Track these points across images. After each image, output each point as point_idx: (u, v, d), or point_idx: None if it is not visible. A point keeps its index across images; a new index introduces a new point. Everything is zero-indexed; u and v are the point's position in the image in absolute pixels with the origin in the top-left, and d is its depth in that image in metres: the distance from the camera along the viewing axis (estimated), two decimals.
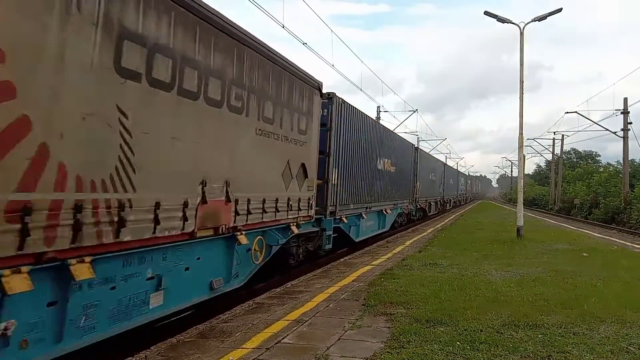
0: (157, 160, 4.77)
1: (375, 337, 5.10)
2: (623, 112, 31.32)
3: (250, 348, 4.78)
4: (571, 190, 46.93)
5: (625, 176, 31.76)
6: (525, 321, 5.65)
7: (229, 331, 5.48)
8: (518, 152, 18.79)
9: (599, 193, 36.99)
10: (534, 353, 4.63)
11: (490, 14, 17.81)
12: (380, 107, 32.95)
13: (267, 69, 7.07)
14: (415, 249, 13.09)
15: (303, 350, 4.71)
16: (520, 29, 17.53)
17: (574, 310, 6.26)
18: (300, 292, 7.63)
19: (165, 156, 4.88)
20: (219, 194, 5.86)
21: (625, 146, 31.46)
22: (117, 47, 4.17)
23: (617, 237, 20.27)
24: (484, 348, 4.72)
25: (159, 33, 4.71)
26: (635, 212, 28.16)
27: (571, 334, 5.26)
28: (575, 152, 78.67)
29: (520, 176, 19.06)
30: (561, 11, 17.40)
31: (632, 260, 11.81)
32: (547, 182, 66.93)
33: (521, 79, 17.52)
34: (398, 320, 5.72)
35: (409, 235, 18.15)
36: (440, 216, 34.33)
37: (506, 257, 11.54)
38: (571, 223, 30.86)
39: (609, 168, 46.18)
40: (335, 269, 10.05)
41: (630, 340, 5.07)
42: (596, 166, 57.90)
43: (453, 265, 10.08)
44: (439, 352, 4.57)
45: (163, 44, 4.77)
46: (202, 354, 4.71)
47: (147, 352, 4.84)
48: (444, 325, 5.48)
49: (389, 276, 8.65)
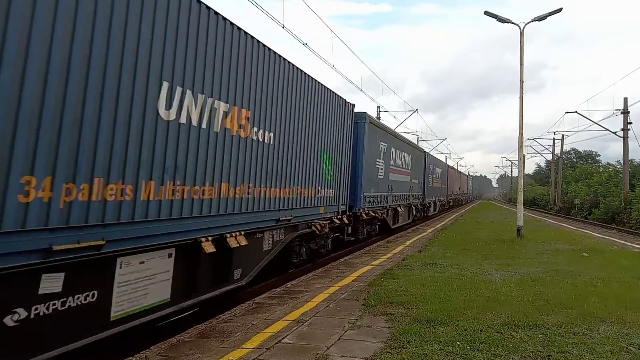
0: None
1: (375, 337, 5.10)
2: (623, 112, 31.35)
3: (250, 348, 4.78)
4: (571, 190, 46.93)
5: (625, 176, 31.79)
6: (525, 321, 5.65)
7: (229, 331, 5.48)
8: (518, 152, 18.79)
9: (599, 193, 37.03)
10: (534, 353, 4.63)
11: (490, 14, 17.80)
12: (381, 107, 32.97)
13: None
14: (415, 249, 13.09)
15: (303, 350, 4.71)
16: (520, 28, 17.53)
17: (574, 310, 6.27)
18: (300, 292, 7.63)
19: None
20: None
21: (625, 146, 31.48)
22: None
23: (617, 237, 20.27)
24: (484, 348, 4.72)
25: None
26: (635, 212, 28.17)
27: (571, 334, 5.26)
28: (575, 152, 78.76)
29: (520, 176, 19.06)
30: (561, 11, 17.39)
31: (632, 260, 11.82)
32: (547, 182, 66.93)
33: (521, 78, 17.52)
34: (398, 320, 5.72)
35: (409, 235, 18.15)
36: (440, 216, 34.32)
37: (506, 257, 11.55)
38: (571, 223, 30.87)
39: (608, 168, 46.20)
40: (335, 269, 10.05)
41: (630, 340, 5.07)
42: (596, 166, 57.94)
43: (453, 265, 10.08)
44: (439, 352, 4.57)
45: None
46: (202, 354, 4.71)
47: (147, 352, 4.84)
48: (444, 325, 5.48)
49: (389, 276, 8.65)
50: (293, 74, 8.60)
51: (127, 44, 4.61)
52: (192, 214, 5.76)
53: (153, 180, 5.06)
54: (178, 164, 5.44)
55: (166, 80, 5.20)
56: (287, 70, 8.34)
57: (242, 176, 6.90)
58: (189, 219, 5.69)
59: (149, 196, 4.99)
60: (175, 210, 5.44)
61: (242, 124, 6.84)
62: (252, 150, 7.17)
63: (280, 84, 8.08)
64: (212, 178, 6.15)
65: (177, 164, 5.43)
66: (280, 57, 8.00)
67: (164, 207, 5.25)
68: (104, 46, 4.35)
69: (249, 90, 7.02)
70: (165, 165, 5.23)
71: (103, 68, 4.36)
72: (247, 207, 7.07)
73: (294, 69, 8.61)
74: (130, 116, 4.72)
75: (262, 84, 7.41)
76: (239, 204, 6.85)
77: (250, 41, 6.96)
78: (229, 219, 6.57)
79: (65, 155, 4.03)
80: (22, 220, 3.70)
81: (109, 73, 4.42)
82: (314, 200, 9.80)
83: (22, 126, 3.67)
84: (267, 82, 7.60)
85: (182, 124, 5.49)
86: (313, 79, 9.54)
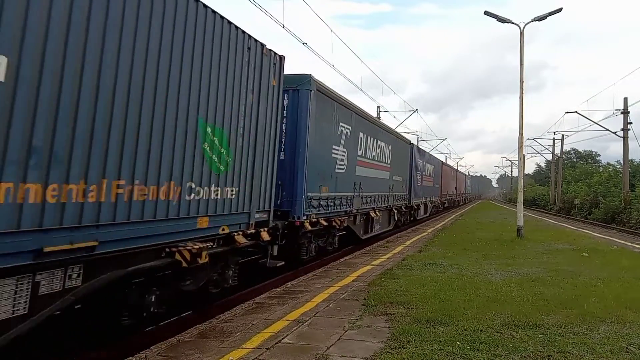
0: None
1: (375, 337, 5.10)
2: (623, 112, 31.34)
3: (250, 348, 4.78)
4: (571, 190, 46.93)
5: (625, 176, 31.77)
6: (525, 321, 5.66)
7: (229, 331, 5.48)
8: (518, 152, 18.79)
9: (599, 193, 37.02)
10: (534, 353, 4.63)
11: (490, 14, 17.80)
12: (381, 107, 33.00)
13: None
14: (415, 249, 13.09)
15: (303, 350, 4.71)
16: (520, 28, 17.53)
17: (574, 310, 6.27)
18: (300, 292, 7.63)
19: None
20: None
21: (625, 146, 31.47)
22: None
23: (617, 237, 20.27)
24: (484, 348, 4.72)
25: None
26: (635, 212, 28.17)
27: (571, 334, 5.26)
28: (575, 152, 78.77)
29: (520, 176, 19.05)
30: (561, 11, 17.39)
31: (632, 260, 11.81)
32: (547, 182, 66.93)
33: (521, 79, 17.52)
34: (398, 320, 5.72)
35: (409, 235, 18.14)
36: (441, 216, 34.32)
37: (506, 257, 11.54)
38: (571, 223, 30.86)
39: (608, 168, 46.20)
40: (335, 269, 10.05)
41: (630, 340, 5.08)
42: (596, 166, 57.95)
43: (453, 265, 10.08)
44: (439, 352, 4.57)
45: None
46: (202, 354, 4.71)
47: (147, 352, 4.84)
48: (444, 325, 5.48)
49: (389, 276, 8.65)
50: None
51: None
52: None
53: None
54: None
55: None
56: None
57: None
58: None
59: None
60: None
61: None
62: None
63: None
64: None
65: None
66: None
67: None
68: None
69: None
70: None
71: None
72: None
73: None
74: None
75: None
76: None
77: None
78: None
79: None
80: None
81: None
82: (177, 207, 5.64)
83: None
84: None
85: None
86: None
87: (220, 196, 6.51)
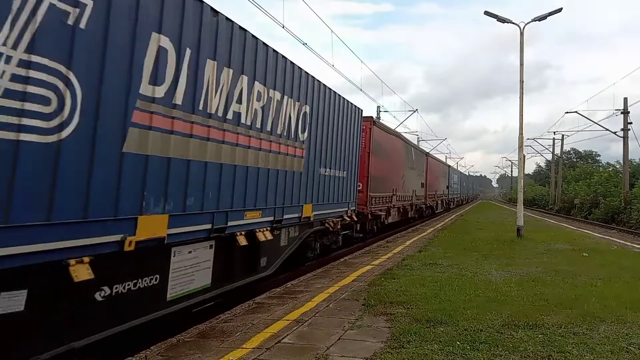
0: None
1: (375, 337, 5.10)
2: (623, 112, 31.36)
3: (250, 348, 4.78)
4: (571, 190, 46.95)
5: (625, 176, 31.78)
6: (525, 321, 5.65)
7: (229, 331, 5.48)
8: (518, 152, 18.80)
9: (599, 193, 37.02)
10: (534, 353, 4.63)
11: (490, 14, 17.80)
12: (381, 107, 33.08)
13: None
14: (415, 249, 13.09)
15: (303, 350, 4.71)
16: (520, 28, 17.54)
17: (574, 310, 6.27)
18: (300, 292, 7.63)
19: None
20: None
21: (625, 146, 31.50)
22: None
23: (617, 237, 20.28)
24: (484, 348, 4.72)
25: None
26: (635, 212, 28.18)
27: (571, 334, 5.26)
28: (575, 152, 78.80)
29: (520, 176, 19.06)
30: (561, 11, 17.41)
31: (632, 260, 11.82)
32: (547, 182, 66.95)
33: (521, 79, 17.53)
34: (398, 320, 5.72)
35: (409, 235, 18.15)
36: (441, 216, 34.33)
37: (506, 257, 11.54)
38: (571, 223, 30.86)
39: (608, 168, 46.20)
40: (335, 269, 10.05)
41: (630, 340, 5.08)
42: (596, 166, 57.96)
43: (453, 265, 10.08)
44: (439, 352, 4.57)
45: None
46: (202, 354, 4.71)
47: (147, 352, 4.84)
48: (444, 325, 5.48)
49: (389, 276, 8.65)
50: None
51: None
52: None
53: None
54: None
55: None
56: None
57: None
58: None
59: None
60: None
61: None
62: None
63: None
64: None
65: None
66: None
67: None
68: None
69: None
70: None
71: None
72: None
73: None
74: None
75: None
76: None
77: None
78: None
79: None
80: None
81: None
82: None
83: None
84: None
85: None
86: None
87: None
